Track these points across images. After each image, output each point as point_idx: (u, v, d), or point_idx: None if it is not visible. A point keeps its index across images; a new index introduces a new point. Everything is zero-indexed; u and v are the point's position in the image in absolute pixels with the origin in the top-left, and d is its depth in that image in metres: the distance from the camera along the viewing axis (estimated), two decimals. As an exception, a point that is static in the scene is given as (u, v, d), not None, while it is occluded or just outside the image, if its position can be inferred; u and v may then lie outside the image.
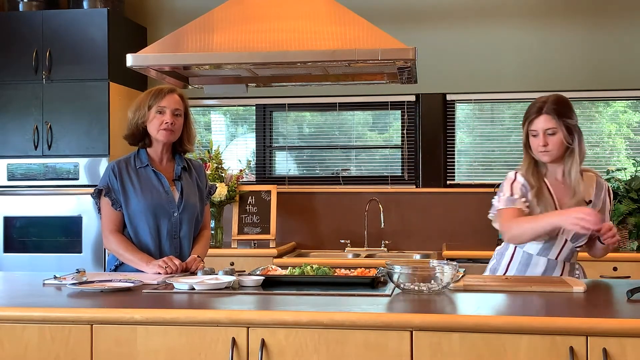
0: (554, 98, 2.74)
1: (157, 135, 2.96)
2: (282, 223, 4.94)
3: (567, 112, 2.72)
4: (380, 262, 4.22)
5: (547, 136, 2.71)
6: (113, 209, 2.95)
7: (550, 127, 2.70)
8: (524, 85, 4.84)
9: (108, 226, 2.96)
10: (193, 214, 3.04)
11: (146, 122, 2.95)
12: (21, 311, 2.21)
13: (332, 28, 2.80)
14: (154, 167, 3.00)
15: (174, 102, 2.97)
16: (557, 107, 2.71)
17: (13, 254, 4.67)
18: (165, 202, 2.97)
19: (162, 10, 5.20)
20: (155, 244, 2.96)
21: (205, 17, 3.13)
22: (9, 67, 4.66)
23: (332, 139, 5.18)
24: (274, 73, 3.27)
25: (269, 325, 2.09)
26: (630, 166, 4.65)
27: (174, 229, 2.98)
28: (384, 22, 4.11)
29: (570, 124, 2.71)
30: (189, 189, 3.04)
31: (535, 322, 1.99)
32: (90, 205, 4.59)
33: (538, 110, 2.72)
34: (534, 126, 2.73)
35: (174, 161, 3.07)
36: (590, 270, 4.06)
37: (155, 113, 2.94)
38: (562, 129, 2.70)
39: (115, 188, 2.95)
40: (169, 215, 2.97)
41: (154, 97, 2.95)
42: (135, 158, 3.01)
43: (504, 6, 4.87)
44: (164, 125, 2.94)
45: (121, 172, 2.97)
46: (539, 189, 2.74)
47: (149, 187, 2.96)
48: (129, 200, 2.94)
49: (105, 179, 2.98)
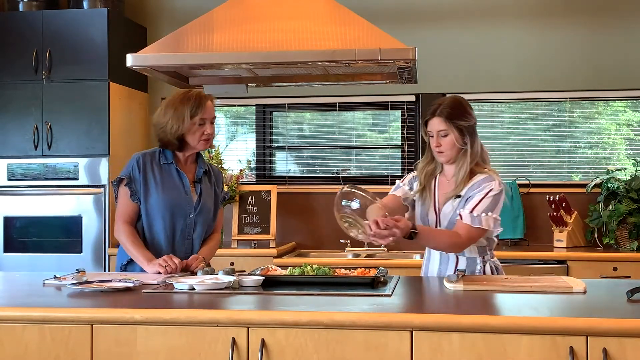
0: (448, 100, 2.85)
1: (197, 145, 2.95)
2: (282, 223, 4.94)
3: (459, 114, 2.81)
4: (380, 262, 4.22)
5: (440, 137, 2.81)
6: (130, 200, 2.95)
7: (442, 129, 2.80)
8: (523, 85, 4.84)
9: (122, 216, 2.96)
10: (207, 217, 3.05)
11: (185, 132, 2.92)
12: (21, 311, 2.21)
13: (332, 28, 2.80)
14: (178, 166, 3.01)
15: (212, 111, 2.97)
16: (450, 109, 2.80)
17: (13, 254, 4.67)
18: (184, 201, 2.97)
19: (162, 10, 5.20)
20: (168, 242, 2.97)
21: (205, 17, 3.13)
22: (9, 67, 4.66)
23: (332, 139, 5.18)
24: (274, 73, 3.27)
25: (269, 325, 2.09)
26: (630, 166, 4.66)
27: (188, 230, 2.99)
28: (384, 22, 4.11)
29: (463, 126, 2.80)
30: (206, 192, 3.05)
31: (535, 322, 1.99)
32: (91, 205, 4.59)
33: (432, 112, 2.83)
34: (429, 127, 2.85)
35: (197, 163, 3.07)
36: (591, 270, 4.09)
37: (197, 125, 2.91)
38: (453, 130, 2.79)
39: (136, 179, 2.95)
40: (185, 215, 2.97)
41: (195, 106, 2.90)
42: (161, 154, 3.01)
43: (504, 6, 4.87)
44: (205, 136, 2.93)
45: (145, 165, 2.97)
46: (423, 188, 2.90)
47: (170, 185, 2.97)
48: (149, 194, 2.95)
49: (128, 169, 2.97)
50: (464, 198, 2.79)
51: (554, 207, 4.52)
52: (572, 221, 4.49)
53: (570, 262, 4.16)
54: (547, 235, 4.68)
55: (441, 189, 2.89)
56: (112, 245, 4.58)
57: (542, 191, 4.73)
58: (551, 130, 4.92)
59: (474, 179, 2.81)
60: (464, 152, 2.81)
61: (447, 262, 2.88)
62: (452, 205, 2.82)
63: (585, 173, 4.86)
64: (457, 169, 2.83)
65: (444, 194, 2.85)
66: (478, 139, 2.86)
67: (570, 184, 4.81)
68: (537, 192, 4.75)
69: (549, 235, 4.66)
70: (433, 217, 2.88)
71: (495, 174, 2.83)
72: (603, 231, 4.53)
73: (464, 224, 2.73)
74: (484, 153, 2.90)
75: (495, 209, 2.77)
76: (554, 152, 4.91)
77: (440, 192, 2.88)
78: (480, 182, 2.79)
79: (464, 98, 2.92)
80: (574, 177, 4.88)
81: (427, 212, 2.90)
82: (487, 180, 2.79)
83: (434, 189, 2.90)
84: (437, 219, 2.87)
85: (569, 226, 4.48)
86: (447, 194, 2.84)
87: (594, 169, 4.85)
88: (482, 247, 2.86)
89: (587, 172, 4.86)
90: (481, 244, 2.84)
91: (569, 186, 4.77)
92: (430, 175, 2.92)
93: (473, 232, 2.73)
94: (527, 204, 4.72)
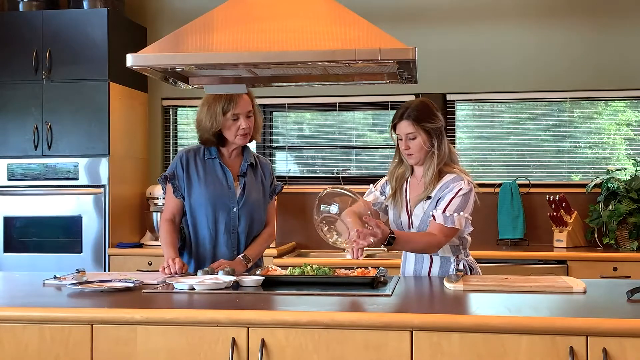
0: (416, 103, 2.88)
1: (234, 140, 3.01)
2: (282, 223, 4.94)
3: (427, 116, 2.84)
4: (380, 262, 4.22)
5: (408, 140, 2.84)
6: (174, 196, 3.02)
7: (410, 131, 2.83)
8: (523, 85, 4.84)
9: (165, 213, 3.05)
10: (253, 210, 3.05)
11: (221, 128, 2.97)
12: (21, 311, 2.21)
13: (332, 28, 2.80)
14: (222, 160, 3.04)
15: (247, 105, 3.01)
16: (417, 112, 2.84)
17: (13, 254, 4.67)
18: (226, 195, 3.00)
19: (162, 10, 5.20)
20: (211, 237, 2.99)
21: (205, 17, 3.12)
22: (9, 67, 4.65)
23: (332, 139, 5.18)
24: (274, 73, 3.26)
25: (269, 325, 2.09)
26: (630, 166, 4.65)
27: (232, 223, 3.00)
28: (384, 22, 4.11)
29: (430, 128, 2.83)
30: (251, 185, 3.07)
31: (535, 322, 1.99)
32: (91, 205, 4.60)
33: (400, 115, 2.87)
34: (397, 130, 2.88)
35: (242, 156, 3.10)
36: (591, 270, 4.09)
37: (231, 120, 2.96)
38: (420, 133, 2.82)
39: (179, 175, 3.01)
40: (228, 209, 2.99)
41: (227, 102, 2.96)
42: (205, 150, 3.05)
43: (504, 6, 4.87)
44: (240, 131, 2.98)
45: (189, 161, 3.02)
46: (394, 192, 2.93)
47: (213, 179, 3.00)
48: (192, 189, 2.99)
49: (172, 166, 3.04)
50: (435, 199, 2.81)
51: (554, 207, 4.52)
52: (572, 221, 4.49)
53: (570, 262, 4.16)
54: (547, 235, 4.68)
55: (412, 191, 2.91)
56: (112, 245, 4.58)
57: (542, 191, 4.73)
58: (551, 130, 4.92)
59: (443, 180, 2.83)
60: (432, 154, 2.84)
61: (421, 262, 2.90)
62: (422, 207, 2.84)
63: (585, 173, 4.86)
64: (425, 171, 2.86)
65: (415, 196, 2.88)
66: (445, 140, 2.88)
67: (570, 184, 4.81)
68: (537, 192, 4.75)
69: (549, 235, 4.66)
70: (405, 218, 2.90)
71: (465, 174, 2.86)
72: (603, 231, 4.53)
73: (438, 224, 2.75)
74: (452, 154, 2.92)
75: (465, 207, 2.79)
76: (554, 152, 4.91)
77: (412, 195, 2.90)
78: (449, 182, 2.81)
79: (431, 100, 2.95)
80: (574, 177, 4.88)
81: (400, 214, 2.92)
82: (456, 180, 2.81)
83: (405, 192, 2.93)
84: (409, 220, 2.89)
85: (569, 226, 4.48)
86: (418, 195, 2.86)
87: (594, 169, 4.85)
88: (455, 246, 2.87)
89: (587, 172, 4.86)
90: (454, 243, 2.85)
91: (569, 186, 4.77)
92: (401, 179, 2.95)
93: (446, 231, 2.75)
94: (527, 204, 4.72)
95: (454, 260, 2.85)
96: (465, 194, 2.78)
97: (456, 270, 2.80)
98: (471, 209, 2.82)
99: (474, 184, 2.85)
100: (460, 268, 2.84)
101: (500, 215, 4.67)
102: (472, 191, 2.82)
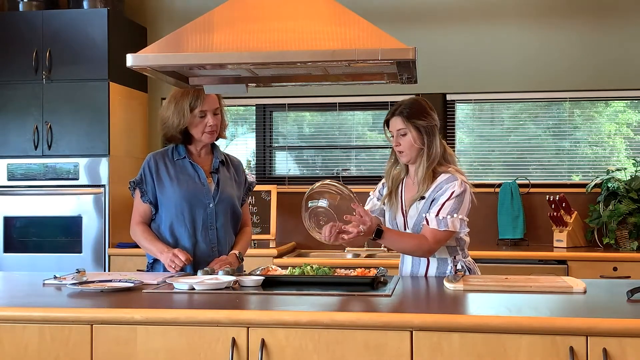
0: (408, 101, 2.90)
1: (201, 137, 3.00)
2: (282, 223, 4.94)
3: (418, 114, 2.84)
4: (380, 262, 4.22)
5: (399, 137, 2.85)
6: (142, 201, 3.00)
7: (400, 128, 2.84)
8: (523, 85, 4.84)
9: (135, 218, 3.02)
10: (229, 205, 3.05)
11: (188, 125, 2.97)
12: (21, 311, 2.21)
13: (332, 28, 2.80)
14: (192, 159, 3.03)
15: (214, 102, 3.00)
16: (409, 109, 2.85)
17: (13, 254, 4.67)
18: (201, 193, 2.98)
19: (162, 10, 5.20)
20: (189, 234, 2.97)
21: (205, 17, 3.12)
22: (9, 67, 4.66)
23: (332, 139, 5.18)
24: (274, 73, 3.26)
25: (268, 325, 2.09)
26: (630, 166, 4.66)
27: (209, 220, 2.99)
28: (384, 22, 4.11)
29: (421, 125, 2.83)
30: (225, 181, 3.06)
31: (535, 322, 1.99)
32: (90, 205, 4.60)
33: (392, 112, 2.89)
34: (390, 127, 2.90)
35: (212, 154, 3.10)
36: (591, 270, 4.09)
37: (199, 117, 2.96)
38: (411, 130, 2.83)
39: (147, 180, 2.99)
40: (204, 206, 2.98)
41: (194, 99, 2.95)
42: (173, 151, 3.04)
43: (504, 6, 4.87)
44: (207, 128, 2.97)
45: (157, 164, 3.00)
46: (390, 193, 2.94)
47: (185, 178, 2.99)
48: (164, 189, 2.97)
49: (140, 172, 3.02)
50: (428, 200, 2.81)
51: (554, 207, 4.52)
52: (572, 221, 4.49)
53: (570, 262, 4.16)
54: (547, 235, 4.68)
55: (407, 192, 2.91)
56: (112, 245, 4.58)
57: (542, 191, 4.73)
58: (551, 130, 4.92)
59: (437, 180, 2.82)
60: (423, 152, 2.83)
61: (418, 263, 2.90)
62: (417, 207, 2.84)
63: (585, 173, 4.86)
64: (416, 169, 2.86)
65: (410, 197, 2.87)
66: (438, 139, 2.86)
67: (570, 184, 4.81)
68: (537, 192, 4.75)
69: (549, 235, 4.66)
70: (401, 219, 2.90)
71: (460, 173, 2.84)
72: (603, 231, 4.53)
73: (431, 229, 2.75)
74: (447, 153, 2.90)
75: (460, 209, 2.77)
76: (554, 152, 4.91)
77: (407, 195, 2.91)
78: (442, 183, 2.80)
79: (426, 100, 2.95)
80: (574, 177, 4.88)
81: (395, 215, 2.92)
82: (449, 181, 2.79)
83: (400, 192, 2.93)
84: (404, 221, 2.89)
85: (569, 226, 4.48)
86: (412, 196, 2.86)
87: (594, 169, 4.85)
88: (452, 247, 2.87)
89: (587, 172, 4.86)
90: (450, 244, 2.85)
91: (569, 186, 4.77)
92: (397, 179, 2.95)
93: (440, 235, 2.75)
94: (527, 204, 4.72)
95: (452, 262, 2.85)
96: (458, 196, 2.76)
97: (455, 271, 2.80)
98: (467, 209, 2.80)
99: (469, 183, 2.83)
100: (459, 268, 2.84)
101: (500, 215, 4.67)
102: (467, 191, 2.80)
